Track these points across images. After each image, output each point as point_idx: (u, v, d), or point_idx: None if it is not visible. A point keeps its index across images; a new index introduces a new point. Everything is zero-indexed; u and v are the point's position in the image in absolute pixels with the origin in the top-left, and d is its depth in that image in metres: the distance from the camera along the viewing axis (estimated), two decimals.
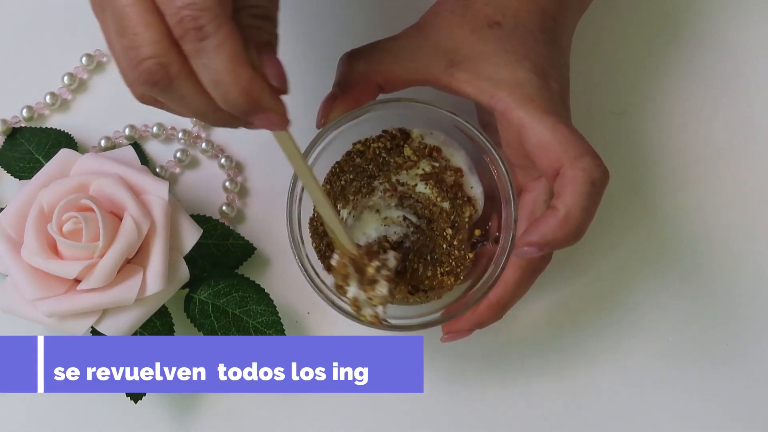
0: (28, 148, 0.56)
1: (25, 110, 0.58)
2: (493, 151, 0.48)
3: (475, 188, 0.52)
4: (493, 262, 0.49)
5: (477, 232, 0.51)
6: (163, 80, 0.36)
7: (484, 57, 0.47)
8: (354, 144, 0.51)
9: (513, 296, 0.49)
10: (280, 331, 0.52)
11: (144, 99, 0.39)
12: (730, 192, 0.58)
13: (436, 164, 0.51)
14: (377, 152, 0.51)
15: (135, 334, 0.52)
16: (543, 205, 0.48)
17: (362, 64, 0.48)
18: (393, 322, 0.49)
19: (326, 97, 0.48)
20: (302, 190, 0.49)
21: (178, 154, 0.58)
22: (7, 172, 0.56)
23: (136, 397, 0.52)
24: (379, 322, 0.48)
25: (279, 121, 0.38)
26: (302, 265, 0.49)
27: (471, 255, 0.51)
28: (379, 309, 0.48)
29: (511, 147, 0.48)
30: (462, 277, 0.51)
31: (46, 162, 0.53)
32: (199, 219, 0.55)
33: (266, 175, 0.58)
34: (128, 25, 0.35)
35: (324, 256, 0.51)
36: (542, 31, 0.48)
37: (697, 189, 0.58)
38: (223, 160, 0.57)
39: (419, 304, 0.51)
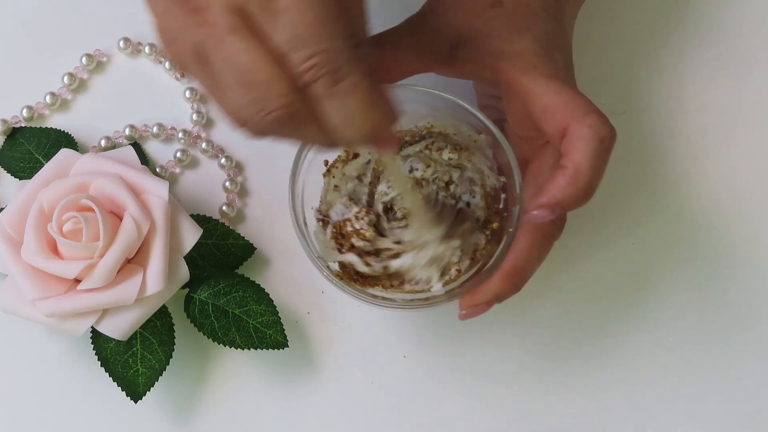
0: (28, 148, 0.56)
1: (25, 110, 0.58)
2: (488, 124, 0.48)
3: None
4: (504, 234, 0.48)
5: (495, 225, 0.50)
6: (291, 125, 0.36)
7: (486, 35, 0.47)
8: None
9: (526, 263, 0.47)
10: (280, 331, 0.52)
11: (258, 136, 0.38)
12: (734, 188, 0.58)
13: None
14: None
15: (135, 334, 0.52)
16: (549, 170, 0.47)
17: None
18: (402, 296, 0.48)
19: None
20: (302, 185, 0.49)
21: (178, 154, 0.58)
22: (7, 172, 0.56)
23: (136, 397, 0.52)
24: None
25: (392, 145, 0.40)
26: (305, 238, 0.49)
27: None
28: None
29: (517, 118, 0.48)
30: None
31: (46, 162, 0.53)
32: (199, 219, 0.55)
33: (266, 175, 0.58)
34: (256, 80, 0.35)
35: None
36: (544, 9, 0.48)
37: (698, 187, 0.58)
38: (223, 160, 0.57)
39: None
